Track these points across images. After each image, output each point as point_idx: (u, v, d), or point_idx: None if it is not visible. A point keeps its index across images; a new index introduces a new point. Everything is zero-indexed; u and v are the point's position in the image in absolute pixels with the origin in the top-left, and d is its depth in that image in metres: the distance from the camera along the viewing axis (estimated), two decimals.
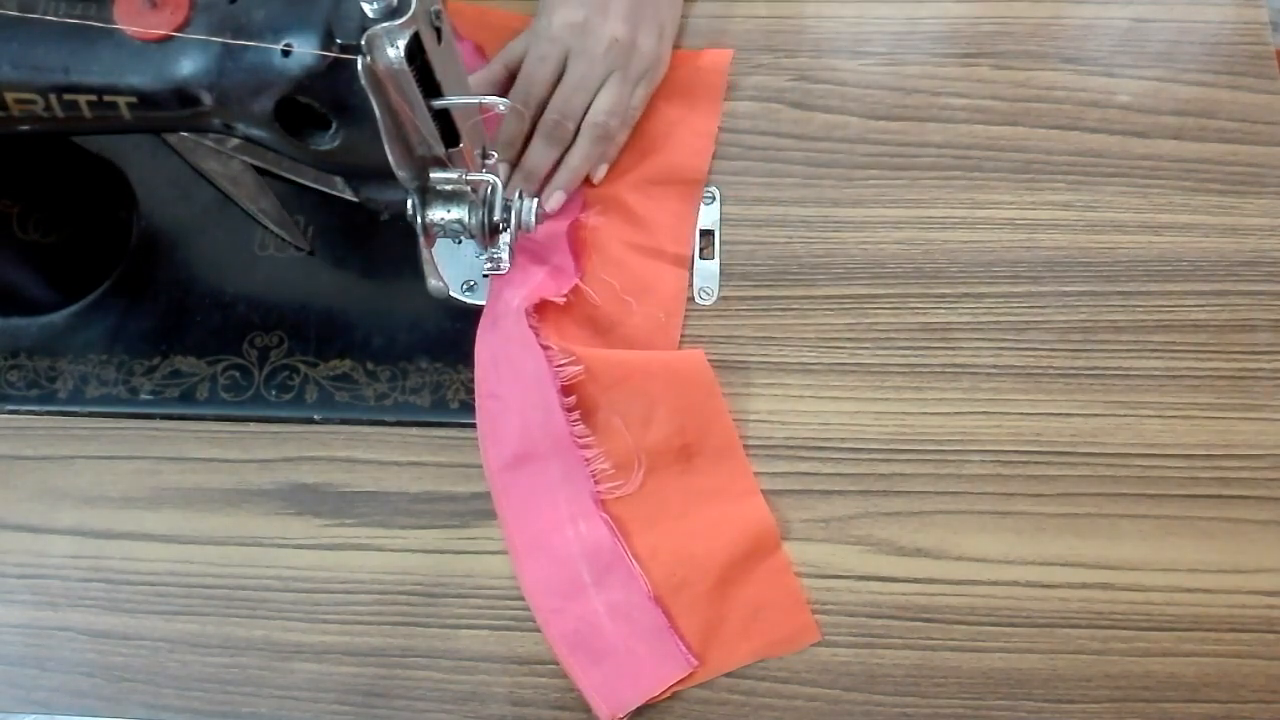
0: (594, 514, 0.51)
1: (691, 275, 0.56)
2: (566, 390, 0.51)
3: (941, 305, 0.55)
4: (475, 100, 0.44)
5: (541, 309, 0.53)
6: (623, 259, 0.56)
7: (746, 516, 0.51)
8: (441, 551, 0.51)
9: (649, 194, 0.58)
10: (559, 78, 0.56)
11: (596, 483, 0.51)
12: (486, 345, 0.52)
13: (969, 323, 0.55)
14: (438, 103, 0.42)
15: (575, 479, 0.51)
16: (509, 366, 0.51)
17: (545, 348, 0.51)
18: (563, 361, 0.51)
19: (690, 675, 0.48)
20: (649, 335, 0.54)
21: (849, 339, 0.55)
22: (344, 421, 0.54)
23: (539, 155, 0.55)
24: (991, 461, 0.52)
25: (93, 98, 0.42)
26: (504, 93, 0.57)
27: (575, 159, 0.55)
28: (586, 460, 0.51)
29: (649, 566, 0.50)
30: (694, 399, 0.52)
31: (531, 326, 0.52)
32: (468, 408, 0.53)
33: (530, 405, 0.51)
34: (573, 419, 0.51)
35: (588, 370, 0.51)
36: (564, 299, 0.53)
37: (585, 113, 0.55)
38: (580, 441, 0.51)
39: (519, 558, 0.50)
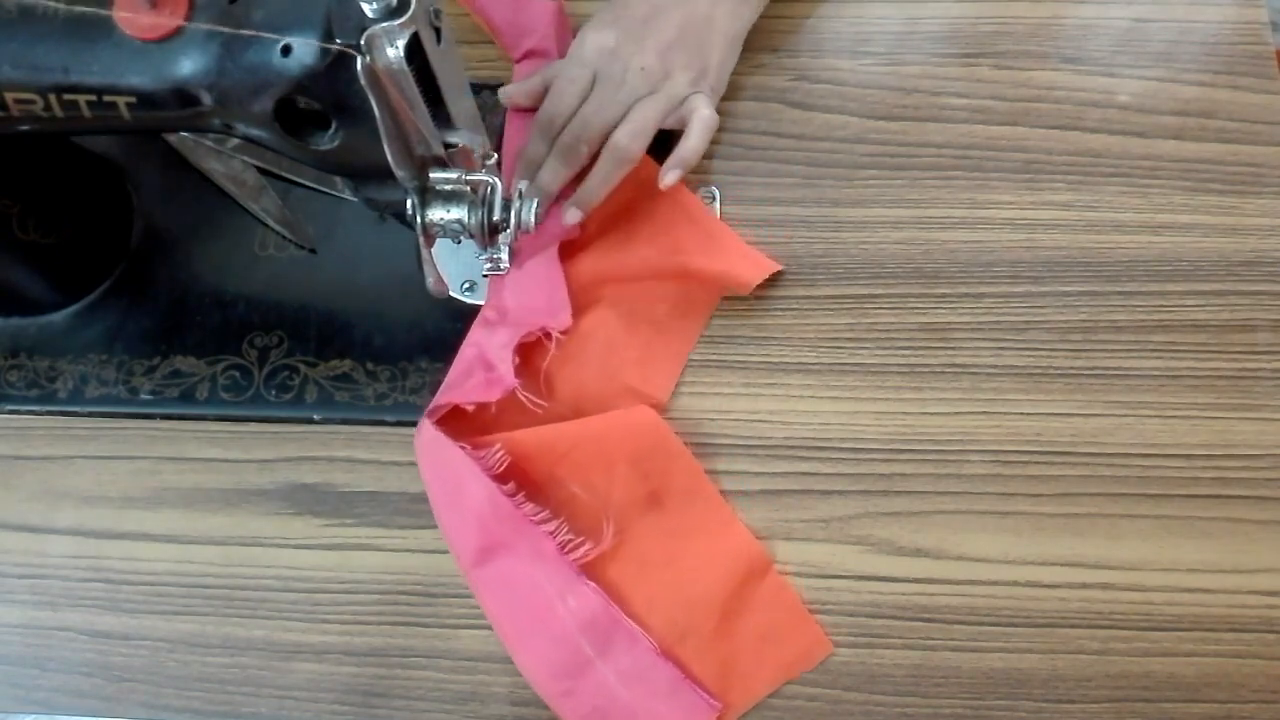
0: (578, 584, 0.49)
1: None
2: (503, 477, 0.50)
3: (941, 305, 0.55)
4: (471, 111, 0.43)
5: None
6: (592, 388, 0.53)
7: (731, 547, 0.51)
8: (442, 551, 0.51)
9: (638, 333, 0.55)
10: (584, 99, 0.54)
11: (566, 553, 0.49)
12: (420, 452, 0.51)
13: (969, 323, 0.55)
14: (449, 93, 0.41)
15: (547, 556, 0.49)
16: (443, 467, 0.50)
17: (461, 446, 0.49)
18: (483, 454, 0.50)
19: None
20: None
21: (849, 339, 0.55)
22: (344, 421, 0.54)
23: (550, 174, 0.54)
24: (991, 461, 0.52)
25: (93, 98, 0.42)
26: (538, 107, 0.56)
27: (594, 180, 0.54)
28: (551, 534, 0.49)
29: (649, 622, 0.49)
30: (649, 444, 0.51)
31: (439, 428, 0.50)
32: None
33: (475, 500, 0.49)
34: (518, 501, 0.49)
35: (533, 448, 0.50)
36: (472, 406, 0.50)
37: (605, 137, 0.54)
38: (535, 519, 0.49)
39: (515, 648, 0.48)
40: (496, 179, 0.47)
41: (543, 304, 0.53)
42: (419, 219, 0.47)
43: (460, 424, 0.51)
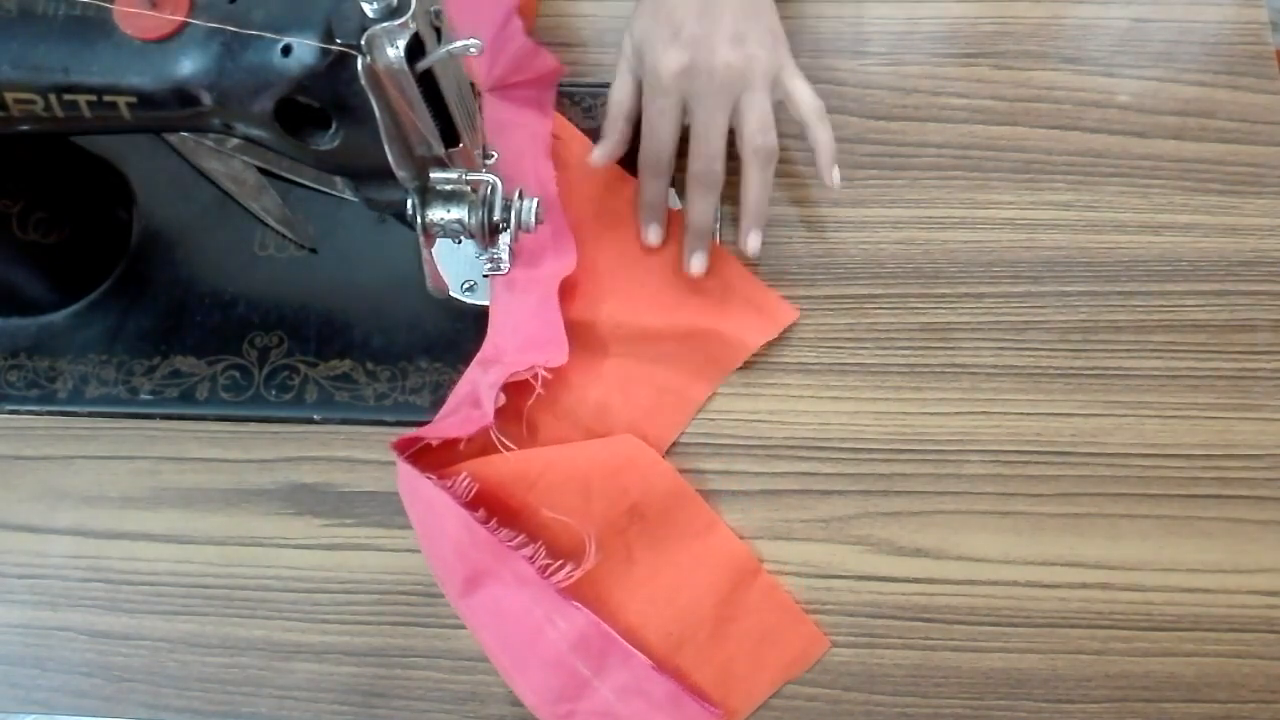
0: (565, 606, 0.48)
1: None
2: (473, 504, 0.49)
3: (941, 305, 0.55)
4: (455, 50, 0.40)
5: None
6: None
7: (717, 551, 0.50)
8: None
9: (635, 401, 0.54)
10: (681, 125, 0.53)
11: (547, 576, 0.48)
12: (399, 487, 0.50)
13: (969, 323, 0.55)
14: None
15: (530, 580, 0.48)
16: (419, 501, 0.49)
17: (428, 477, 0.49)
18: (449, 483, 0.49)
19: None
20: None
21: (849, 339, 0.55)
22: (344, 421, 0.54)
23: (701, 209, 0.53)
24: (991, 461, 0.52)
25: (93, 98, 0.42)
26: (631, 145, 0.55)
27: (752, 193, 0.52)
28: (529, 559, 0.48)
29: (643, 635, 0.49)
30: (626, 457, 0.51)
31: (408, 460, 0.50)
32: None
33: (452, 529, 0.48)
34: (493, 528, 0.48)
35: (504, 476, 0.50)
36: (438, 441, 0.50)
37: (725, 149, 0.52)
38: (511, 545, 0.48)
39: (512, 675, 0.48)
40: (497, 179, 0.47)
41: (540, 341, 0.52)
42: (419, 219, 0.47)
43: (430, 458, 0.51)
